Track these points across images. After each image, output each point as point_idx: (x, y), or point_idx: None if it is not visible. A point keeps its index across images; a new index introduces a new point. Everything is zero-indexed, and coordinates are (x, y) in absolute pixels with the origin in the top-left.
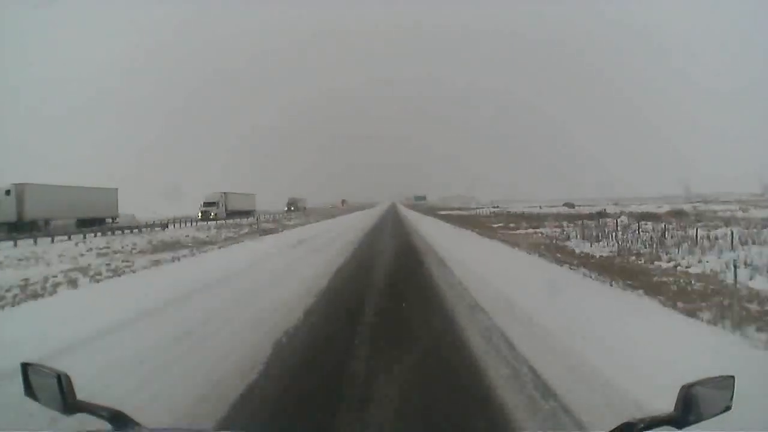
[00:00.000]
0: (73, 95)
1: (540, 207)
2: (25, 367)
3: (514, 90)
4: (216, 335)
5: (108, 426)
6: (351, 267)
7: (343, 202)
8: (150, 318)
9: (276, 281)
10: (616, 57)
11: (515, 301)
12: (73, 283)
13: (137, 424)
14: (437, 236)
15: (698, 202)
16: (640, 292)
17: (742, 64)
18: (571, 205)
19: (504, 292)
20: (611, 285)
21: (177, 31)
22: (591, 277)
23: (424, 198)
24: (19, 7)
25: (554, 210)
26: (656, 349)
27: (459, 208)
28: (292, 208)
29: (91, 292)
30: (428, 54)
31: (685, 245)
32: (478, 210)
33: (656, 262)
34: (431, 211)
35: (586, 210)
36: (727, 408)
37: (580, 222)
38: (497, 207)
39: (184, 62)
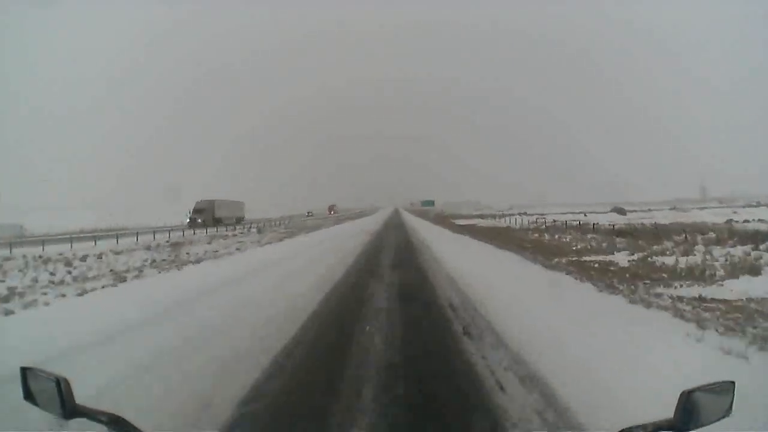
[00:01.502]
0: (72, 95)
1: (585, 214)
2: (25, 371)
3: (520, 91)
4: None
5: (107, 431)
6: None
7: (332, 208)
8: None
9: None
10: (626, 59)
11: None
12: None
13: (137, 429)
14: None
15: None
16: None
17: (759, 61)
18: (621, 211)
19: None
20: None
21: (176, 32)
22: None
23: (432, 203)
24: (19, 7)
25: (605, 217)
26: None
27: (480, 216)
28: (200, 221)
29: None
30: (430, 55)
31: None
32: (506, 218)
33: None
34: (445, 221)
35: (639, 217)
36: (727, 414)
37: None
38: (525, 213)
39: (183, 62)
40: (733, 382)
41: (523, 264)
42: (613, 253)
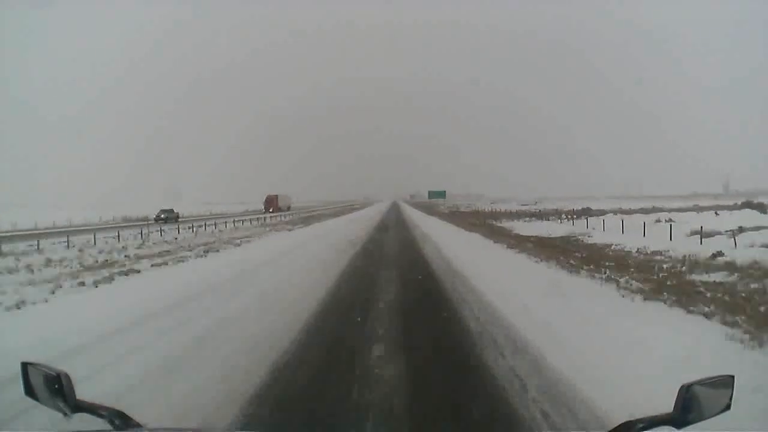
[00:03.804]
0: (71, 95)
1: (716, 213)
2: (25, 366)
3: (530, 88)
4: None
5: (108, 426)
6: None
7: (271, 203)
8: None
9: None
10: (630, 61)
11: None
12: None
13: (138, 424)
14: None
15: None
16: None
17: (760, 60)
18: (762, 208)
19: None
20: None
21: (175, 32)
22: None
23: (443, 194)
24: (19, 7)
25: (742, 219)
26: None
27: (532, 215)
28: None
29: None
30: (428, 55)
31: None
32: (564, 218)
33: None
34: (486, 227)
35: None
36: (727, 408)
37: None
38: (589, 210)
39: (183, 61)
40: (733, 377)
41: None
42: None
